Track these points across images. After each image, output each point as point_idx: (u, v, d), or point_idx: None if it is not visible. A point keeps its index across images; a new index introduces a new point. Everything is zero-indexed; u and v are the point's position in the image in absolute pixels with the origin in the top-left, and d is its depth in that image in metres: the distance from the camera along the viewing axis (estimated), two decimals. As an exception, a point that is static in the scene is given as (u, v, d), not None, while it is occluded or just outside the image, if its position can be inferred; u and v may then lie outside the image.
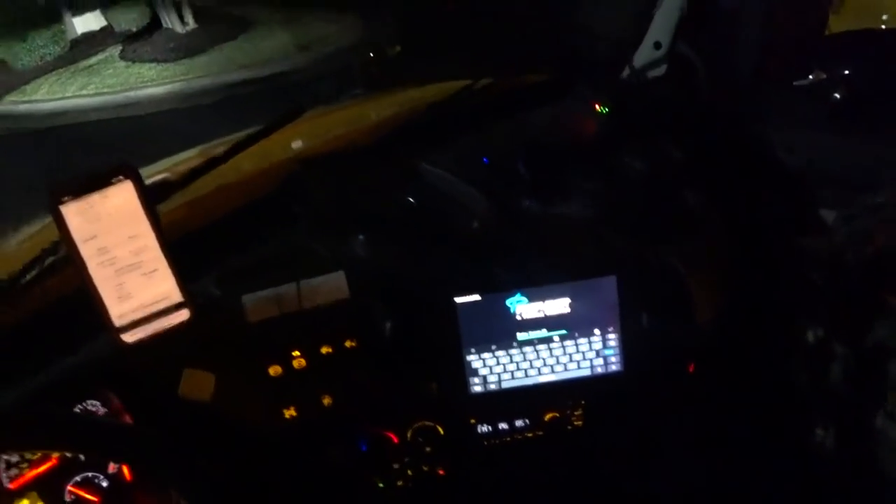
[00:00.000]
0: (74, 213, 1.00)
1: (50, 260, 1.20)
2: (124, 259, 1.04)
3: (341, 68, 7.70)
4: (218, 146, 2.39)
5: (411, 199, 1.52)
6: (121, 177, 1.04)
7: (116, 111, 8.84)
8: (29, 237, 2.11)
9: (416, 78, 2.36)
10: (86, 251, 1.02)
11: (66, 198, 1.00)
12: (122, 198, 1.03)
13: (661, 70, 2.09)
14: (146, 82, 9.31)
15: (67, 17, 12.33)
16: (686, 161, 1.80)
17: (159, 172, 2.35)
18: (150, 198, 1.05)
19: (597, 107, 2.06)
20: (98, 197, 1.02)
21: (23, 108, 9.79)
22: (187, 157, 2.46)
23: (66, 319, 1.22)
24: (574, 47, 2.28)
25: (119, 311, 1.05)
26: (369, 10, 9.77)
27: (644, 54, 2.05)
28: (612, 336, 1.37)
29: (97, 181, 1.03)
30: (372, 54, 2.72)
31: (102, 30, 12.47)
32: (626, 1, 2.17)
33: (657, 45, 2.05)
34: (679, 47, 2.06)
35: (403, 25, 8.28)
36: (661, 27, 2.01)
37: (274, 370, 1.28)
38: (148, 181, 1.09)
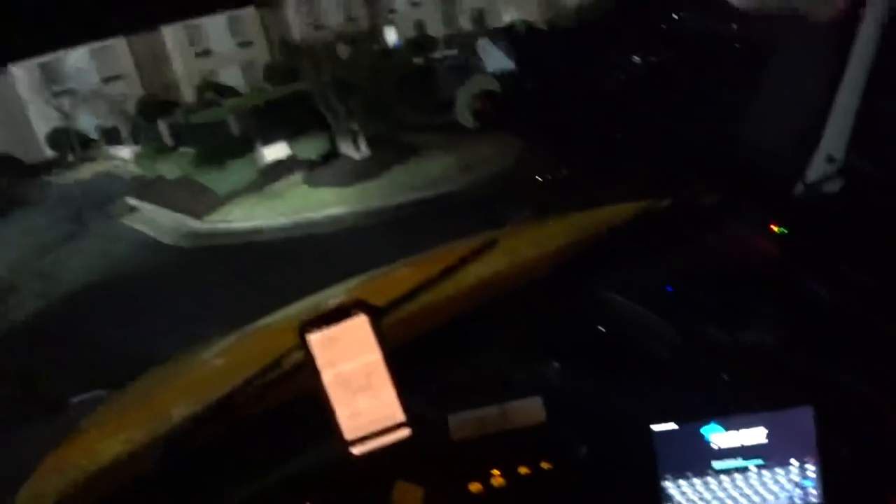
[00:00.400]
0: (319, 342, 1.16)
1: (273, 374, 1.36)
2: (357, 381, 1.18)
3: (507, 189, 8.01)
4: (416, 266, 2.56)
5: (601, 328, 1.57)
6: (358, 311, 1.18)
7: (299, 230, 9.70)
8: (228, 349, 2.31)
9: (585, 201, 2.43)
10: (326, 375, 1.17)
11: (312, 328, 1.16)
12: (358, 329, 1.17)
13: (836, 185, 2.02)
14: (325, 204, 10.18)
15: (259, 147, 13.87)
16: (874, 286, 1.74)
17: (352, 290, 2.55)
18: (381, 330, 1.19)
19: (774, 228, 2.01)
20: (338, 329, 1.17)
21: (221, 226, 11.02)
22: (372, 278, 2.62)
23: (286, 428, 1.36)
24: (744, 165, 2.26)
25: (351, 426, 1.19)
26: (529, 132, 10.18)
27: (817, 169, 1.98)
28: (810, 467, 1.33)
29: (338, 315, 1.17)
30: (539, 177, 2.76)
31: (288, 158, 13.89)
32: (795, 116, 2.14)
33: (830, 159, 1.96)
34: (854, 160, 1.97)
35: (567, 148, 8.53)
36: (833, 140, 1.93)
37: (475, 487, 1.35)
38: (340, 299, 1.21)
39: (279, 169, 13.28)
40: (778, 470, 1.34)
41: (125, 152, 23.00)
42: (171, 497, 1.30)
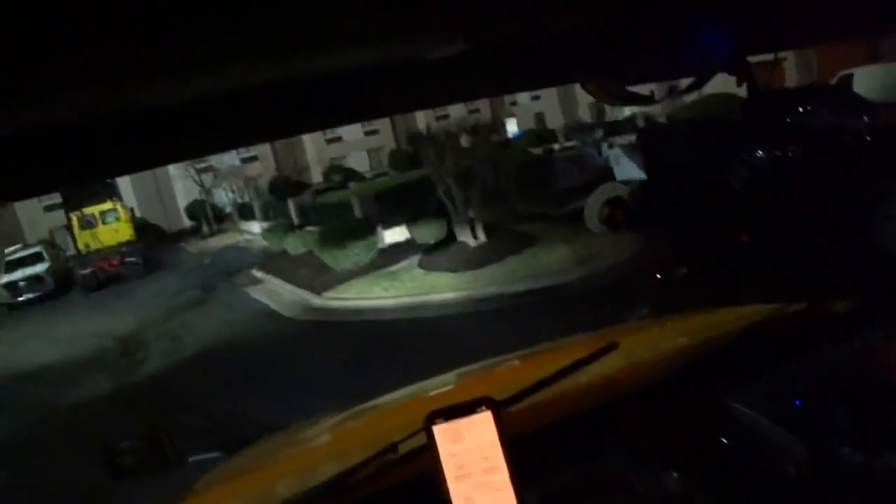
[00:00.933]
0: (442, 434, 1.20)
1: (389, 457, 1.37)
2: (477, 476, 1.19)
3: (624, 284, 7.87)
4: (532, 360, 2.54)
5: (724, 440, 1.50)
6: (483, 407, 1.21)
7: (411, 312, 9.87)
8: (342, 426, 2.34)
9: (706, 302, 2.34)
10: (447, 465, 1.19)
11: (438, 420, 1.20)
12: (482, 425, 1.20)
13: None
14: (439, 288, 10.34)
15: (379, 230, 14.40)
16: None
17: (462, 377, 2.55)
18: (504, 427, 1.20)
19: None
20: (464, 422, 1.20)
21: (335, 304, 11.38)
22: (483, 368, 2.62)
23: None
24: (884, 268, 2.14)
25: (467, 519, 1.18)
26: (649, 228, 10.05)
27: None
28: None
29: (464, 410, 1.21)
30: (658, 275, 2.67)
31: (406, 241, 14.32)
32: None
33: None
34: None
35: (690, 245, 8.34)
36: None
37: None
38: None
39: (396, 252, 13.70)
40: None
41: (255, 227, 24.47)
42: None
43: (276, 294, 13.49)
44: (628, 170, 13.16)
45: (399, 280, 11.38)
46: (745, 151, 12.06)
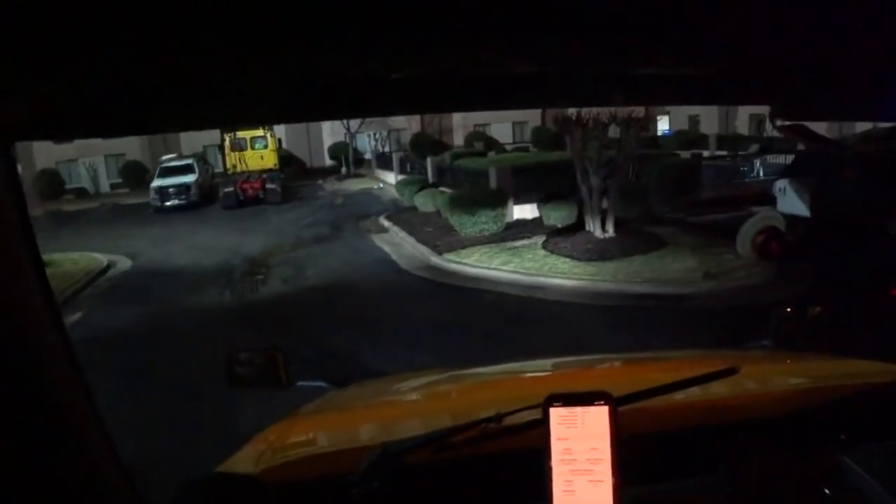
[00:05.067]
0: (558, 417, 1.24)
1: (491, 426, 1.40)
2: (581, 464, 1.23)
3: (749, 309, 7.49)
4: (650, 364, 2.50)
5: (827, 492, 1.43)
6: (602, 402, 1.24)
7: (526, 290, 9.87)
8: (444, 385, 2.39)
9: (833, 349, 2.21)
10: (555, 447, 1.24)
11: (556, 403, 1.24)
12: (597, 417, 1.24)
13: None
14: (557, 273, 10.27)
15: (510, 204, 14.42)
16: None
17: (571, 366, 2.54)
18: (617, 424, 1.23)
19: None
20: (580, 411, 1.24)
21: (454, 266, 11.55)
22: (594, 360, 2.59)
23: (491, 480, 1.40)
24: None
25: (561, 502, 1.19)
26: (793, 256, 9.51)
27: None
28: None
29: (584, 399, 1.25)
30: (790, 309, 2.55)
31: (534, 220, 14.29)
32: None
33: None
34: None
35: (830, 288, 7.79)
36: None
37: None
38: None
39: (523, 228, 13.69)
40: None
41: (390, 177, 25.12)
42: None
43: (399, 246, 13.85)
44: (792, 203, 12.45)
45: (520, 256, 11.38)
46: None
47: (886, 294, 7.27)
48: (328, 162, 36.63)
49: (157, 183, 24.56)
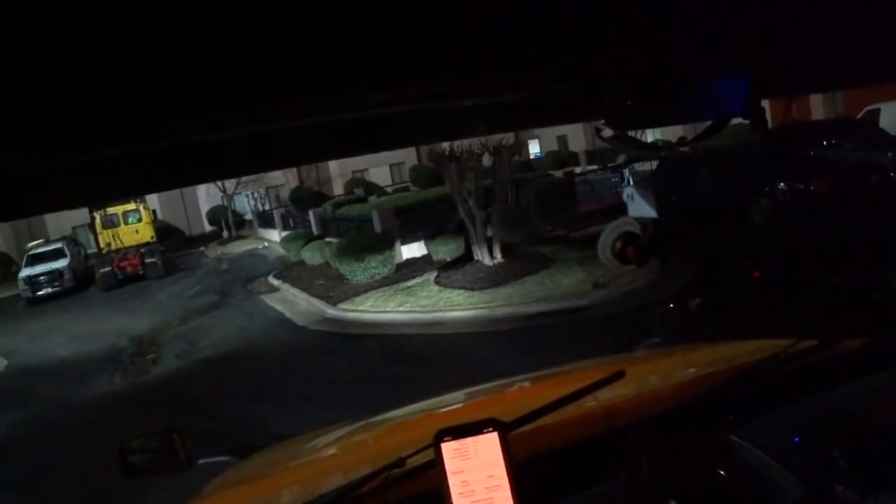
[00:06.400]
0: (450, 451, 1.26)
1: (396, 472, 1.40)
2: (481, 494, 1.25)
3: (638, 311, 7.85)
4: (541, 384, 2.55)
5: (722, 472, 1.51)
6: (490, 429, 1.27)
7: (425, 328, 9.90)
8: (350, 438, 2.36)
9: (718, 335, 2.30)
10: (452, 481, 1.25)
11: (447, 438, 1.26)
12: (488, 445, 1.26)
13: None
14: (454, 306, 10.37)
15: (397, 245, 14.48)
16: None
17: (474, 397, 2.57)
18: (509, 448, 1.26)
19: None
20: (471, 441, 1.27)
21: (351, 315, 11.44)
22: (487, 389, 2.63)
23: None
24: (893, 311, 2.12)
25: (466, 533, 1.21)
26: (666, 257, 10.04)
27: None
28: None
29: (472, 430, 1.27)
30: (672, 304, 2.67)
31: (423, 257, 14.39)
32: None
33: None
34: None
35: (705, 276, 8.30)
36: None
37: None
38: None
39: (413, 267, 13.75)
40: None
41: (274, 235, 24.66)
42: None
43: (292, 303, 13.57)
44: (640, 207, 13.25)
45: (415, 295, 11.41)
46: (767, 184, 12.02)
47: (752, 276, 7.81)
48: (208, 228, 35.58)
49: (25, 272, 22.96)
